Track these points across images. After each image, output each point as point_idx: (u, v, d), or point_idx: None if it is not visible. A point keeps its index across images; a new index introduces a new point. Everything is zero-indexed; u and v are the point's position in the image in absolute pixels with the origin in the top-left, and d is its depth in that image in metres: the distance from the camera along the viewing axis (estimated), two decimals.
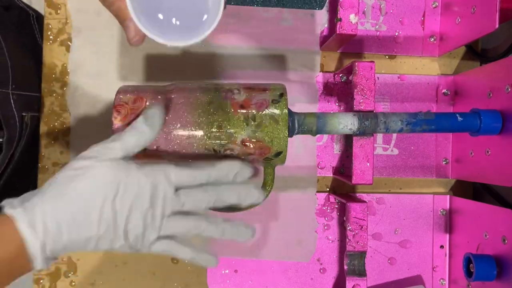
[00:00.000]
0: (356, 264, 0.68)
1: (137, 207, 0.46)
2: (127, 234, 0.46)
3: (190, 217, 0.49)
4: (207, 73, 0.74)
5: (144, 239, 0.47)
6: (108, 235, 0.46)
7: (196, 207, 0.48)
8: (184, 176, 0.48)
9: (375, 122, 0.57)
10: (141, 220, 0.46)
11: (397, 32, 0.76)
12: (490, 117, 0.59)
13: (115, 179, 0.46)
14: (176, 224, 0.48)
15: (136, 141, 0.48)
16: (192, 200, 0.48)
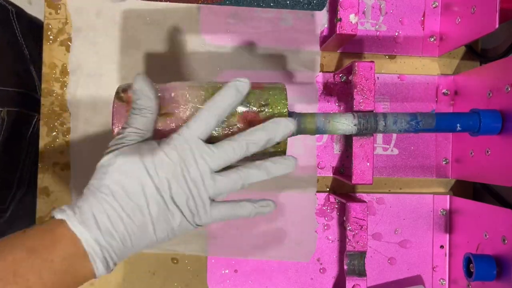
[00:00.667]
0: (356, 264, 0.68)
1: (174, 175, 0.46)
2: (179, 206, 0.46)
3: (231, 170, 0.48)
4: (207, 73, 0.74)
5: (198, 206, 0.47)
6: (161, 214, 0.46)
7: (229, 155, 0.48)
8: (199, 126, 0.48)
9: (375, 122, 0.57)
10: (184, 185, 0.46)
11: (397, 32, 0.76)
12: (490, 117, 0.59)
13: (140, 160, 0.46)
14: (221, 180, 0.48)
15: (142, 119, 0.48)
16: (223, 149, 0.48)
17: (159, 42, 0.74)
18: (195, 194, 0.47)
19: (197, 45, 0.74)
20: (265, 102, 0.54)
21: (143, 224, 0.45)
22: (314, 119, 0.56)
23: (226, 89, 0.49)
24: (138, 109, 0.48)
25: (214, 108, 0.49)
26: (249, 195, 0.73)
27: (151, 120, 0.49)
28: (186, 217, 0.47)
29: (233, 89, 0.49)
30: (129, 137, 0.48)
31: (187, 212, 0.47)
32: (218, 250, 0.74)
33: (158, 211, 0.46)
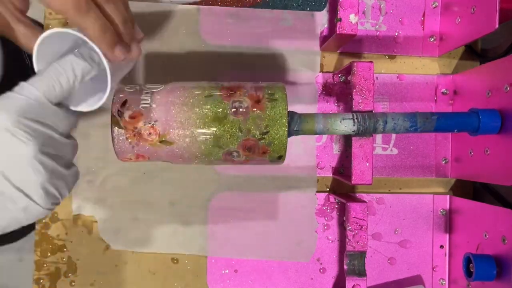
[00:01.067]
0: (356, 264, 0.68)
1: None
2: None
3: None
4: (207, 73, 0.74)
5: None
6: None
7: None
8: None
9: (374, 122, 0.57)
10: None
11: (397, 32, 0.76)
12: (489, 117, 0.59)
13: None
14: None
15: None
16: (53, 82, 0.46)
17: (159, 42, 0.74)
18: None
19: (197, 45, 0.74)
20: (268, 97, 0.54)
21: None
22: (313, 120, 0.56)
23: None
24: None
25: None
26: (248, 196, 0.74)
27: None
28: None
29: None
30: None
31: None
32: (218, 250, 0.74)
33: None
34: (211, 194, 0.74)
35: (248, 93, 0.54)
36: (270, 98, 0.54)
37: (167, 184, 0.74)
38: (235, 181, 0.74)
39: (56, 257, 0.73)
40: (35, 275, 0.73)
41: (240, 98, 0.53)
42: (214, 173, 0.74)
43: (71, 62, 0.46)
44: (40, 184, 0.43)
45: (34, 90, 0.45)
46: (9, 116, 0.42)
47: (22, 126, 0.42)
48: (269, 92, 0.54)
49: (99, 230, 0.73)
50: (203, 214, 0.74)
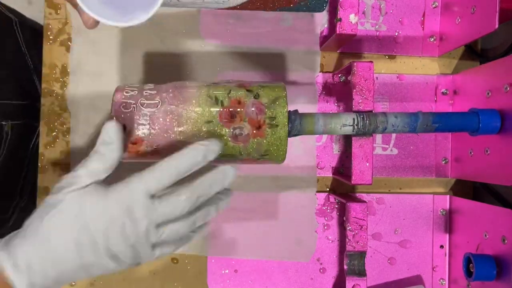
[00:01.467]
0: (356, 264, 0.68)
1: (112, 230, 0.45)
2: (114, 255, 0.46)
3: (177, 221, 0.48)
4: (207, 73, 0.74)
5: (139, 254, 0.47)
6: (94, 260, 0.46)
7: (176, 213, 0.47)
8: (152, 183, 0.46)
9: (374, 122, 0.57)
10: (121, 237, 0.45)
11: (397, 32, 0.76)
12: (489, 117, 0.59)
13: (82, 209, 0.45)
14: (165, 232, 0.47)
15: (102, 166, 0.48)
16: (170, 207, 0.46)
17: (159, 42, 0.74)
18: (136, 246, 0.46)
19: (197, 45, 0.74)
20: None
21: (76, 269, 0.46)
22: (313, 120, 0.56)
23: (191, 151, 0.48)
24: (100, 154, 0.48)
25: (173, 168, 0.47)
26: (248, 196, 0.73)
27: (110, 167, 0.48)
28: (125, 262, 0.47)
29: (200, 155, 0.48)
30: (81, 179, 0.47)
31: (126, 259, 0.47)
32: (218, 250, 0.74)
33: (92, 260, 0.46)
34: None
35: (249, 118, 0.53)
36: (271, 124, 0.53)
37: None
38: (235, 181, 0.74)
39: None
40: None
41: (240, 124, 0.53)
42: None
43: None
44: None
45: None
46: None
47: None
48: (270, 116, 0.53)
49: None
50: None
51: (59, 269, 0.45)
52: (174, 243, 0.49)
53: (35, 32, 0.84)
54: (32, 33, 0.83)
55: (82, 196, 0.46)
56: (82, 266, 0.46)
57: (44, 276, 0.45)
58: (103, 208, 0.46)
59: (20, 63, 0.79)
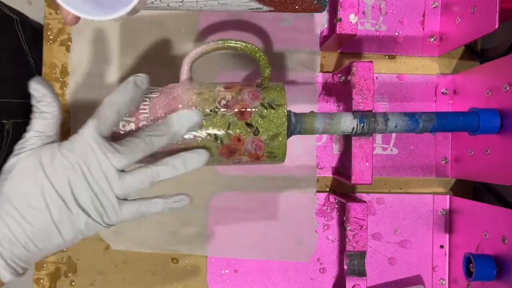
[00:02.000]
0: (356, 264, 0.68)
1: (75, 177, 0.45)
2: (83, 207, 0.46)
3: (139, 168, 0.48)
4: (207, 73, 0.74)
5: (105, 206, 0.46)
6: (64, 216, 0.45)
7: (134, 153, 0.47)
8: (104, 126, 0.47)
9: (374, 122, 0.57)
10: (87, 186, 0.45)
11: (397, 32, 0.76)
12: (489, 116, 0.59)
13: (40, 164, 0.45)
14: (128, 178, 0.47)
15: (45, 122, 0.48)
16: (127, 147, 0.47)
17: (159, 42, 0.74)
18: (100, 195, 0.46)
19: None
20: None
21: (46, 228, 0.45)
22: (313, 119, 0.56)
23: (124, 85, 0.48)
24: (38, 113, 0.48)
25: (113, 104, 0.47)
26: (248, 196, 0.74)
27: (53, 123, 0.48)
28: (93, 218, 0.46)
29: (131, 84, 0.48)
30: (31, 141, 0.47)
31: (94, 213, 0.46)
32: (218, 250, 0.74)
33: (60, 214, 0.45)
34: (211, 194, 0.74)
35: (248, 152, 0.54)
36: (269, 156, 0.54)
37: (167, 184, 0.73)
38: (235, 181, 0.74)
39: (56, 257, 0.73)
40: (35, 275, 0.73)
41: (239, 157, 0.54)
42: (214, 173, 0.74)
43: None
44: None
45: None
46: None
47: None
48: (269, 151, 0.54)
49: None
50: (203, 214, 0.74)
51: (29, 232, 0.45)
52: (140, 203, 0.48)
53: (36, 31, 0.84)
54: (33, 32, 0.83)
55: (36, 154, 0.46)
56: (52, 224, 0.45)
57: (13, 242, 0.45)
58: (60, 158, 0.46)
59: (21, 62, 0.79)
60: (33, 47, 0.81)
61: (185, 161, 0.50)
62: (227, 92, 0.54)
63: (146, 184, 0.48)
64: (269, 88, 0.55)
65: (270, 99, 0.53)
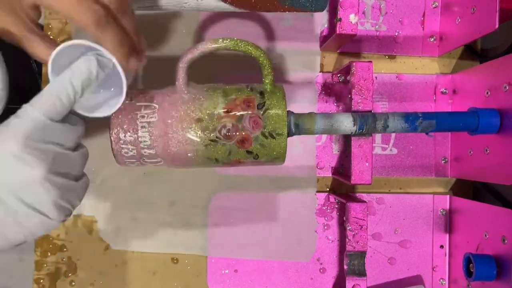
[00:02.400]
0: (356, 264, 0.68)
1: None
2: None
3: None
4: (207, 73, 0.74)
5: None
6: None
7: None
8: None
9: (373, 122, 0.57)
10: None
11: (397, 32, 0.76)
12: (488, 116, 0.59)
13: None
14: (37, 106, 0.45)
15: None
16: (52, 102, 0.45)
17: (159, 43, 0.74)
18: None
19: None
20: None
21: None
22: (313, 119, 0.56)
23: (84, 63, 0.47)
24: None
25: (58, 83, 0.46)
26: (248, 196, 0.74)
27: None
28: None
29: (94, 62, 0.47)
30: None
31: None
32: (218, 250, 0.74)
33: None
34: (211, 194, 0.74)
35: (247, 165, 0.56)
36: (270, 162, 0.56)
37: (167, 184, 0.74)
38: (235, 181, 0.74)
39: (56, 257, 0.73)
40: (35, 275, 0.73)
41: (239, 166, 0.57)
42: (214, 173, 0.74)
43: (69, 77, 0.46)
44: (52, 202, 0.44)
45: (36, 111, 0.45)
46: (15, 142, 0.42)
47: (29, 150, 0.43)
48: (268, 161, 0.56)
49: (99, 230, 0.73)
50: (203, 214, 0.74)
51: None
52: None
53: None
54: None
55: None
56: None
57: None
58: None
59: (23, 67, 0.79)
60: None
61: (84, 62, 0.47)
62: (227, 118, 0.53)
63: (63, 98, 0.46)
64: (271, 112, 0.54)
65: (271, 128, 0.53)
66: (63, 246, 0.74)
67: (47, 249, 0.73)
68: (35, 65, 0.81)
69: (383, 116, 0.57)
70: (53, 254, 0.73)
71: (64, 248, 0.73)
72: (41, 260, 0.73)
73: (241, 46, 0.55)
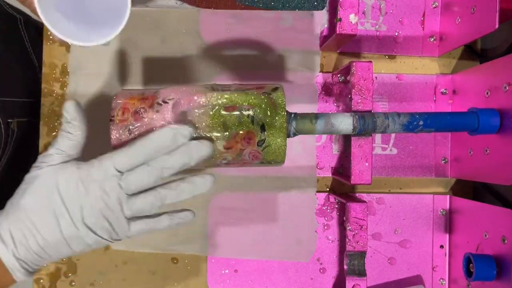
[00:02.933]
0: (356, 264, 0.68)
1: (87, 204, 0.48)
2: (92, 229, 0.49)
3: (147, 193, 0.50)
4: (207, 73, 0.74)
5: (115, 227, 0.50)
6: (73, 234, 0.49)
7: (144, 182, 0.49)
8: (122, 159, 0.49)
9: (373, 122, 0.57)
10: (98, 212, 0.49)
11: (397, 32, 0.76)
12: (488, 116, 0.59)
13: (56, 187, 0.49)
14: (137, 203, 0.50)
15: (69, 143, 0.51)
16: (138, 176, 0.49)
17: (159, 42, 0.74)
18: (110, 217, 0.49)
19: (197, 45, 0.74)
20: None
21: (56, 242, 0.49)
22: (313, 119, 0.56)
23: (161, 132, 0.50)
24: (64, 132, 0.51)
25: (146, 148, 0.49)
26: (248, 196, 0.74)
27: (76, 144, 0.51)
28: (101, 236, 0.50)
29: (169, 135, 0.50)
30: (52, 158, 0.51)
31: (102, 233, 0.50)
32: (218, 250, 0.74)
33: (69, 232, 0.49)
34: (211, 194, 0.74)
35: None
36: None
37: None
38: (235, 181, 0.74)
39: None
40: (35, 275, 0.73)
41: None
42: (214, 173, 0.74)
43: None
44: None
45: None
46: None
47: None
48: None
49: None
50: (203, 214, 0.74)
51: (41, 243, 0.49)
52: (147, 222, 0.51)
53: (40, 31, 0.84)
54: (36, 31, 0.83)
55: (56, 172, 0.49)
56: (62, 239, 0.49)
57: (27, 249, 0.48)
58: (76, 182, 0.49)
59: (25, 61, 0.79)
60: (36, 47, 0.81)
61: (192, 186, 0.52)
62: (227, 154, 0.54)
63: (154, 207, 0.51)
64: (271, 147, 0.54)
65: (270, 159, 0.55)
66: None
67: None
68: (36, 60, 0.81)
69: (383, 116, 0.57)
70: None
71: None
72: None
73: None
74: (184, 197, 0.52)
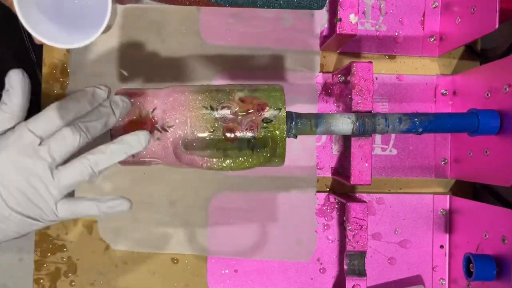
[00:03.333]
0: (356, 264, 0.68)
1: (4, 178, 0.45)
2: (15, 209, 0.46)
3: (74, 160, 0.47)
4: (207, 73, 0.74)
5: (41, 207, 0.46)
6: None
7: (68, 144, 0.46)
8: (40, 123, 0.46)
9: (373, 122, 0.57)
10: (17, 189, 0.45)
11: (397, 32, 0.76)
12: (488, 117, 0.59)
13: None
14: (64, 173, 0.46)
15: (3, 114, 0.47)
16: (60, 142, 0.46)
17: (159, 42, 0.74)
18: (34, 196, 0.46)
19: (197, 45, 0.74)
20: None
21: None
22: (313, 120, 0.57)
23: (82, 94, 0.48)
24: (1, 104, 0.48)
25: (63, 109, 0.47)
26: (248, 196, 0.74)
27: (8, 119, 0.47)
28: (30, 216, 0.46)
29: (89, 94, 0.48)
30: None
31: (30, 213, 0.46)
32: (218, 250, 0.74)
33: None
34: (211, 194, 0.74)
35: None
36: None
37: (167, 184, 0.74)
38: (235, 181, 0.74)
39: (56, 257, 0.73)
40: (35, 275, 0.73)
41: None
42: (214, 173, 0.74)
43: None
44: None
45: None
46: None
47: None
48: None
49: (99, 230, 0.73)
50: (203, 214, 0.74)
51: None
52: (76, 204, 0.48)
53: None
54: None
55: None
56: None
57: None
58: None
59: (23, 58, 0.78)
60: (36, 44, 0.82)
61: (124, 146, 0.48)
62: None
63: (86, 176, 0.47)
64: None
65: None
66: (63, 246, 0.74)
67: (47, 249, 0.73)
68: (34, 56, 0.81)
69: (383, 116, 0.57)
70: (53, 254, 0.73)
71: (64, 248, 0.73)
72: (41, 260, 0.73)
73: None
74: (118, 158, 0.48)
